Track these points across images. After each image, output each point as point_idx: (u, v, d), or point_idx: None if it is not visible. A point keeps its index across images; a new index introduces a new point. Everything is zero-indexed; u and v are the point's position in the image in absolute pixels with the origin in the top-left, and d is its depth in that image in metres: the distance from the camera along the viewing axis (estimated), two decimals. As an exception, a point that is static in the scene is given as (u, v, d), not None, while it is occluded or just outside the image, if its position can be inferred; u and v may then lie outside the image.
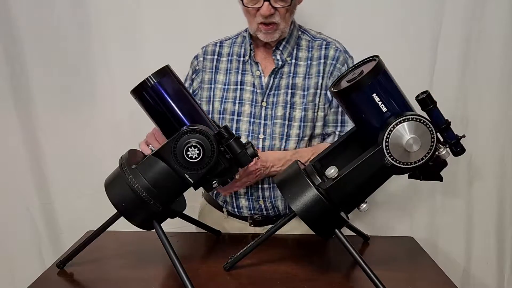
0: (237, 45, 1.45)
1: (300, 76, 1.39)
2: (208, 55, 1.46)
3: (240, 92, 1.40)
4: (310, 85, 1.38)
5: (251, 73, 1.41)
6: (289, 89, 1.38)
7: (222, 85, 1.42)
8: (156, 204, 1.02)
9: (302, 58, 1.40)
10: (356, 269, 1.08)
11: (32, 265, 1.85)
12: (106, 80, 1.77)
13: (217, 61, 1.45)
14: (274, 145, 1.37)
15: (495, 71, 1.72)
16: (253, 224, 1.44)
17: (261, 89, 1.39)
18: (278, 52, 1.39)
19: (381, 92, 0.98)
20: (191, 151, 1.01)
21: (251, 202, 1.41)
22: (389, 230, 1.83)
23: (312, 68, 1.39)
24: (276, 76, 1.39)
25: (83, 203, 1.84)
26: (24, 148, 1.81)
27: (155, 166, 1.03)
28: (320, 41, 1.41)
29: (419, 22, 1.70)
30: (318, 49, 1.40)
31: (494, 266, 1.87)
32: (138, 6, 1.71)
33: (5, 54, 1.74)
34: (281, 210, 1.43)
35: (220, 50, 1.46)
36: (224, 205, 1.47)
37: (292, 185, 1.04)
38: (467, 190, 1.83)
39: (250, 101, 1.39)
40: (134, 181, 1.01)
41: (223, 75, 1.43)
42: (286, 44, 1.39)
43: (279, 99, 1.38)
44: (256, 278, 1.09)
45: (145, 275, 1.11)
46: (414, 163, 0.98)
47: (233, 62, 1.43)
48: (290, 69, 1.39)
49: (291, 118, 1.37)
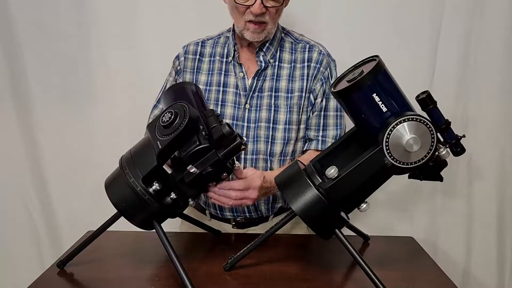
0: (219, 45, 1.42)
1: (284, 78, 1.36)
2: (190, 55, 1.42)
3: (223, 93, 1.37)
4: (295, 88, 1.36)
5: (234, 74, 1.38)
6: (272, 91, 1.36)
7: (204, 86, 1.39)
8: (134, 180, 1.00)
9: (285, 60, 1.38)
10: (356, 269, 1.07)
11: (32, 265, 1.86)
12: (106, 80, 1.77)
13: (199, 61, 1.41)
14: (260, 149, 1.35)
15: (495, 71, 1.72)
16: (236, 226, 1.43)
17: (244, 91, 1.36)
18: (261, 54, 1.36)
19: (381, 92, 0.98)
20: (165, 116, 1.00)
21: None
22: (389, 230, 1.83)
23: (296, 71, 1.37)
24: (259, 78, 1.36)
25: (83, 203, 1.84)
26: (24, 148, 1.81)
27: (142, 139, 1.06)
28: (303, 44, 1.39)
29: (419, 22, 1.69)
30: (301, 52, 1.38)
31: (494, 266, 1.87)
32: (137, 6, 1.71)
33: (4, 54, 1.74)
34: (264, 213, 1.41)
35: (202, 49, 1.42)
36: (207, 207, 1.45)
37: (292, 185, 1.04)
38: (467, 190, 1.83)
39: (233, 103, 1.37)
40: (137, 184, 1.01)
41: (205, 75, 1.40)
42: (269, 45, 1.36)
43: (263, 102, 1.35)
44: (256, 278, 1.09)
45: (145, 275, 1.11)
46: (414, 163, 0.98)
47: (216, 63, 1.40)
48: (274, 71, 1.37)
49: (276, 121, 1.35)
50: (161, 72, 1.73)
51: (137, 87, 1.76)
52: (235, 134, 1.02)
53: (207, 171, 1.00)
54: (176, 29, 1.71)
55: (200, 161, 1.00)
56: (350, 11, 1.71)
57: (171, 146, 0.99)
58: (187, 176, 1.00)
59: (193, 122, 0.99)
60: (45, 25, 1.72)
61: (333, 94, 1.05)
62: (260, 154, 1.35)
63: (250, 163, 1.34)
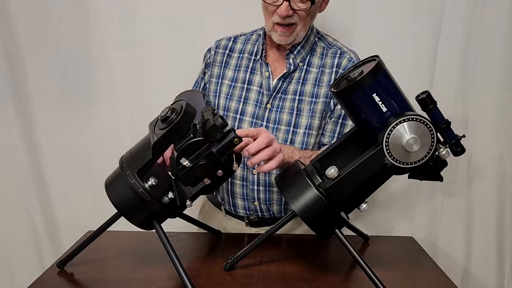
0: (250, 42, 1.43)
1: (310, 82, 1.35)
2: (220, 49, 1.44)
3: (246, 91, 1.38)
4: (320, 93, 1.34)
5: (260, 73, 1.38)
6: (296, 95, 1.35)
7: (229, 81, 1.40)
8: (130, 175, 1.01)
9: (314, 64, 1.37)
10: (356, 269, 1.08)
11: (32, 265, 1.86)
12: (106, 80, 1.77)
13: (228, 56, 1.42)
14: None
15: (495, 71, 1.72)
16: (249, 224, 1.43)
17: (267, 90, 1.36)
18: (291, 56, 1.35)
19: (381, 92, 0.98)
20: (163, 111, 1.01)
21: (246, 203, 1.40)
22: (389, 230, 1.84)
23: (324, 76, 1.35)
24: (285, 80, 1.36)
25: (83, 203, 1.84)
26: (24, 148, 1.81)
27: (142, 138, 1.08)
28: (334, 49, 1.38)
29: (419, 22, 1.69)
30: (331, 57, 1.36)
31: (494, 266, 1.87)
32: (137, 6, 1.71)
33: (4, 54, 1.73)
34: (276, 214, 1.41)
35: (233, 45, 1.43)
36: (222, 203, 1.47)
37: (292, 185, 1.04)
38: (467, 190, 1.83)
39: (255, 101, 1.37)
40: (138, 185, 1.01)
41: (232, 71, 1.41)
42: (301, 49, 1.35)
43: (285, 104, 1.35)
44: (256, 278, 1.09)
45: (145, 275, 1.11)
46: (414, 163, 0.98)
47: (244, 60, 1.41)
48: (301, 75, 1.36)
49: (297, 124, 1.34)
50: (161, 72, 1.74)
51: (137, 87, 1.76)
52: (229, 128, 1.02)
53: (199, 163, 1.00)
54: (176, 29, 1.71)
55: (193, 155, 1.00)
56: (350, 11, 1.71)
57: (165, 139, 1.00)
58: (181, 170, 1.00)
59: (188, 116, 0.99)
60: (45, 25, 1.72)
61: (333, 94, 1.05)
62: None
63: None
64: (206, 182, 1.04)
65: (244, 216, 1.43)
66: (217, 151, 1.00)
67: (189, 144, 0.99)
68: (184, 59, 1.68)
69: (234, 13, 1.67)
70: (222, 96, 1.40)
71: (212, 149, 1.00)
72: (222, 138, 1.00)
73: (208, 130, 0.98)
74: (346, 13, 1.71)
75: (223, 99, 1.40)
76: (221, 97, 1.40)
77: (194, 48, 1.59)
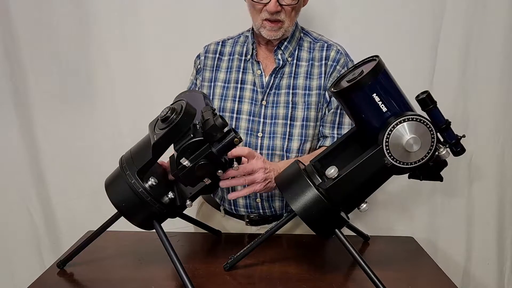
0: (239, 44, 1.46)
1: (301, 76, 1.39)
2: (210, 54, 1.46)
3: (240, 90, 1.40)
4: (313, 85, 1.38)
5: (251, 72, 1.41)
6: (290, 89, 1.38)
7: (222, 83, 1.42)
8: (130, 175, 1.01)
9: (303, 58, 1.41)
10: (356, 269, 1.08)
11: (32, 265, 1.86)
12: (106, 80, 1.77)
13: (218, 60, 1.45)
14: (276, 145, 1.37)
15: (495, 71, 1.72)
16: (249, 223, 1.44)
17: (261, 87, 1.39)
18: (279, 52, 1.39)
19: (381, 92, 0.98)
20: (163, 111, 1.01)
21: (248, 200, 1.41)
22: (389, 230, 1.83)
23: (314, 69, 1.39)
24: (277, 76, 1.39)
25: (83, 203, 1.84)
26: (24, 148, 1.81)
27: (142, 138, 1.08)
28: (321, 43, 1.42)
29: (419, 22, 1.69)
30: (319, 51, 1.41)
31: (494, 266, 1.87)
32: (137, 6, 1.71)
33: (4, 54, 1.73)
34: (278, 210, 1.42)
35: (222, 49, 1.46)
36: (221, 203, 1.47)
37: (292, 185, 1.04)
38: (467, 190, 1.83)
39: (250, 99, 1.39)
40: (138, 185, 1.01)
41: (224, 73, 1.44)
42: (287, 44, 1.39)
43: (280, 99, 1.38)
44: (256, 278, 1.09)
45: (145, 275, 1.11)
46: (414, 163, 0.98)
47: (235, 61, 1.44)
48: (291, 69, 1.40)
49: (293, 117, 1.37)
50: (161, 72, 1.74)
51: (137, 87, 1.76)
52: (229, 128, 1.02)
53: (199, 163, 1.00)
54: (177, 29, 1.71)
55: (194, 155, 1.00)
56: (349, 11, 1.71)
57: (165, 139, 1.00)
58: (181, 170, 1.01)
59: (188, 116, 1.00)
60: (45, 25, 1.72)
61: (333, 94, 1.05)
62: (276, 150, 1.37)
63: (266, 158, 1.35)
64: (206, 182, 1.05)
65: (245, 215, 1.44)
66: (217, 151, 1.01)
67: (189, 144, 1.00)
68: (184, 59, 1.68)
69: (234, 13, 1.67)
70: (216, 97, 1.42)
71: (212, 149, 1.00)
72: (222, 138, 1.01)
73: (208, 130, 0.99)
74: (346, 13, 1.71)
75: (217, 101, 1.41)
76: (215, 99, 1.42)
77: (194, 48, 1.59)
